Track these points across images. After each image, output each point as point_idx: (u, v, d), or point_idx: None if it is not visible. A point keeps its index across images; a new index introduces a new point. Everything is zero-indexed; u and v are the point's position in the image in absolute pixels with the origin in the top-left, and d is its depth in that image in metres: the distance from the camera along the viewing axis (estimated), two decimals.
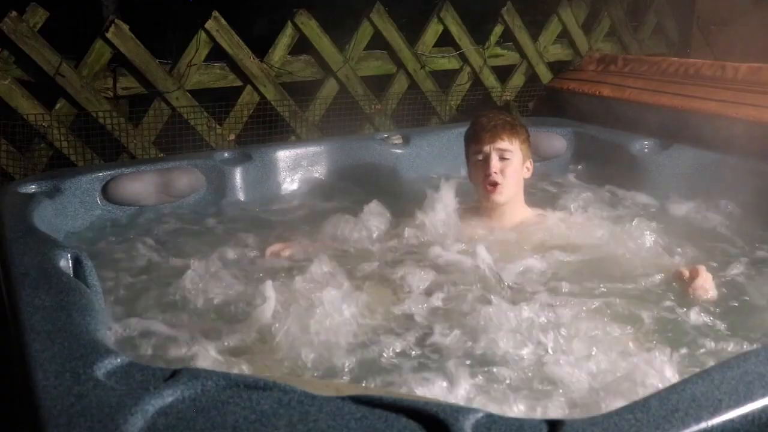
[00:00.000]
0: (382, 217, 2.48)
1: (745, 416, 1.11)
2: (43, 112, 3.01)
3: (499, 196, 2.35)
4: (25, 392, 1.21)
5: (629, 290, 2.02)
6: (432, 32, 3.85)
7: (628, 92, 3.56)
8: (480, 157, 2.36)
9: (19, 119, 2.97)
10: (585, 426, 1.06)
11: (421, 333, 1.79)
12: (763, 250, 2.34)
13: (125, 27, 3.10)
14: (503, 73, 4.14)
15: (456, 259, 2.17)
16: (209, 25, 3.27)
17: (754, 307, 1.95)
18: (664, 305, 1.93)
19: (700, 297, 1.93)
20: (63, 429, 1.09)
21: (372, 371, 1.62)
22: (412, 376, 1.59)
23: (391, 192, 2.95)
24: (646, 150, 3.13)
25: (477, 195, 2.44)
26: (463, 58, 3.97)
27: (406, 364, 1.64)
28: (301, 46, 3.54)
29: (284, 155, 3.10)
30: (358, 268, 2.17)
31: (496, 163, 2.33)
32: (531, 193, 2.89)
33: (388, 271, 2.14)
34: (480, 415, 1.09)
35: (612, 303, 1.91)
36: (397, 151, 3.27)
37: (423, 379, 1.57)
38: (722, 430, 1.09)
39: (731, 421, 1.10)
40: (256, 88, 3.44)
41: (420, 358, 1.67)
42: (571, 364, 1.59)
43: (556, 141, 3.41)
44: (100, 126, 3.14)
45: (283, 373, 1.59)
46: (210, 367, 1.56)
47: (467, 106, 4.00)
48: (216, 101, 3.40)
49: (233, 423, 1.09)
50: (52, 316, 1.45)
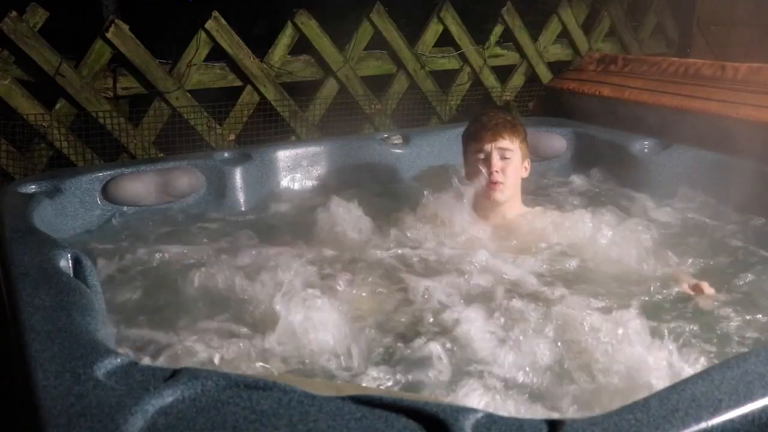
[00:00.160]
0: (381, 216, 2.48)
1: (745, 416, 1.11)
2: (43, 112, 3.02)
3: (500, 195, 2.36)
4: (25, 392, 1.21)
5: (627, 290, 2.02)
6: (432, 32, 3.85)
7: (628, 92, 3.56)
8: (481, 155, 2.36)
9: (19, 119, 2.97)
10: (585, 426, 1.06)
11: (420, 333, 1.79)
12: (763, 250, 2.33)
13: (125, 27, 3.10)
14: (503, 73, 4.14)
15: (454, 258, 2.17)
16: (209, 25, 3.27)
17: (755, 308, 1.95)
18: (662, 305, 1.93)
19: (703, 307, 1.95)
20: (63, 429, 1.09)
21: (372, 371, 1.62)
22: (411, 376, 1.59)
23: (391, 192, 2.95)
24: (646, 150, 3.13)
25: (476, 193, 2.42)
26: (463, 58, 3.97)
27: (405, 364, 1.64)
28: (301, 46, 3.55)
29: (284, 155, 3.10)
30: (356, 268, 2.17)
31: (497, 162, 2.34)
32: (532, 192, 2.90)
33: (386, 271, 2.14)
34: (480, 415, 1.09)
35: (610, 302, 1.91)
36: (397, 151, 3.27)
37: (423, 378, 1.58)
38: (722, 430, 1.09)
39: (731, 421, 1.10)
40: (256, 88, 3.44)
41: (420, 358, 1.67)
42: (570, 364, 1.59)
43: (556, 141, 3.41)
44: (100, 126, 3.15)
45: (283, 373, 1.59)
46: (210, 367, 1.56)
47: (467, 106, 4.00)
48: (216, 101, 3.41)
49: (233, 423, 1.09)
50: (52, 316, 1.45)
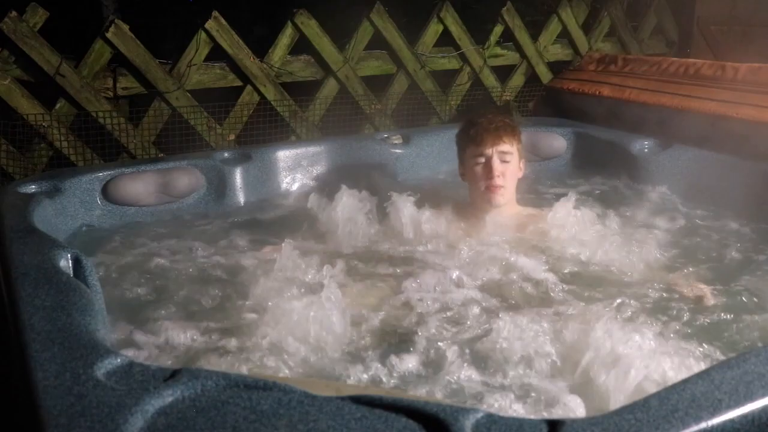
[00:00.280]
0: (380, 216, 2.47)
1: (745, 416, 1.11)
2: (43, 112, 3.02)
3: (501, 198, 2.35)
4: (25, 392, 1.21)
5: (624, 290, 2.01)
6: (432, 32, 3.85)
7: (628, 92, 3.56)
8: (482, 159, 2.34)
9: (19, 119, 2.98)
10: (585, 426, 1.06)
11: (418, 332, 1.79)
12: (763, 250, 2.33)
13: (125, 27, 3.10)
14: (503, 73, 4.14)
15: (452, 257, 2.17)
16: (209, 25, 3.27)
17: (755, 308, 1.95)
18: (659, 305, 1.93)
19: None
20: (63, 429, 1.08)
21: (371, 371, 1.62)
22: (411, 376, 1.59)
23: (390, 192, 2.95)
24: (646, 150, 3.13)
25: (473, 194, 2.43)
26: (463, 58, 3.97)
27: (405, 364, 1.64)
28: (301, 46, 3.55)
29: (284, 155, 3.10)
30: (354, 267, 2.17)
31: (498, 166, 2.32)
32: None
33: (386, 271, 2.14)
34: (480, 415, 1.09)
35: (608, 304, 1.90)
36: (397, 151, 3.27)
37: (422, 378, 1.58)
38: (722, 430, 1.09)
39: (731, 421, 1.10)
40: (256, 88, 3.45)
41: (419, 358, 1.67)
42: (569, 364, 1.59)
43: (556, 141, 3.41)
44: (100, 126, 3.15)
45: (283, 374, 1.59)
46: (210, 367, 1.56)
47: (467, 106, 4.00)
48: (216, 101, 3.41)
49: (233, 423, 1.09)
50: (52, 316, 1.45)
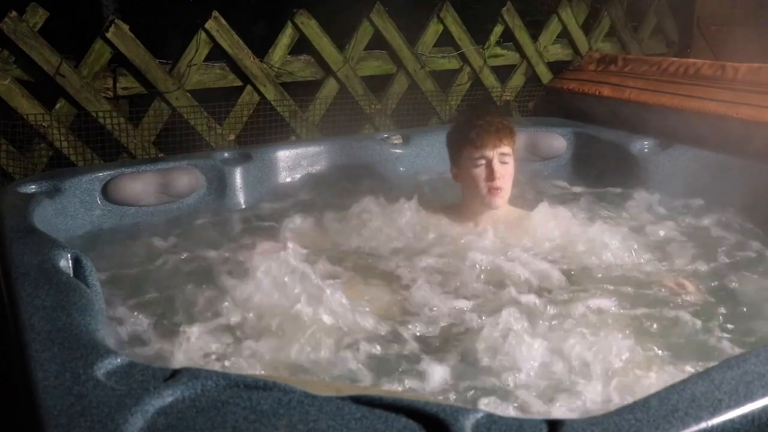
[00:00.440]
0: (380, 216, 2.47)
1: (745, 416, 1.11)
2: (43, 112, 3.01)
3: (501, 200, 2.33)
4: (25, 392, 1.21)
5: (621, 290, 2.02)
6: (432, 32, 3.85)
7: (628, 92, 3.56)
8: (482, 161, 2.30)
9: (19, 119, 2.97)
10: (585, 426, 1.07)
11: (417, 332, 1.79)
12: (762, 251, 2.33)
13: (125, 27, 3.10)
14: (503, 73, 4.14)
15: (449, 258, 2.18)
16: (209, 25, 3.27)
17: (754, 308, 1.95)
18: (656, 304, 1.93)
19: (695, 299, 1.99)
20: (63, 429, 1.09)
21: (370, 371, 1.62)
22: (410, 376, 1.59)
23: (390, 192, 2.95)
24: (646, 150, 3.13)
25: (470, 195, 2.40)
26: (463, 58, 3.97)
27: (404, 364, 1.64)
28: (301, 46, 3.55)
29: (284, 155, 3.10)
30: (353, 267, 2.17)
31: (499, 168, 2.29)
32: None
33: (382, 272, 2.14)
34: (480, 415, 1.09)
35: (604, 302, 1.92)
36: (397, 151, 3.27)
37: (422, 379, 1.58)
38: (722, 430, 1.09)
39: (731, 421, 1.10)
40: (256, 88, 3.44)
41: (418, 358, 1.67)
42: (569, 364, 1.59)
43: (556, 141, 3.41)
44: (100, 126, 3.14)
45: (283, 374, 1.59)
46: (209, 367, 1.56)
47: (467, 106, 4.00)
48: (216, 101, 3.41)
49: (233, 423, 1.09)
50: (52, 316, 1.45)
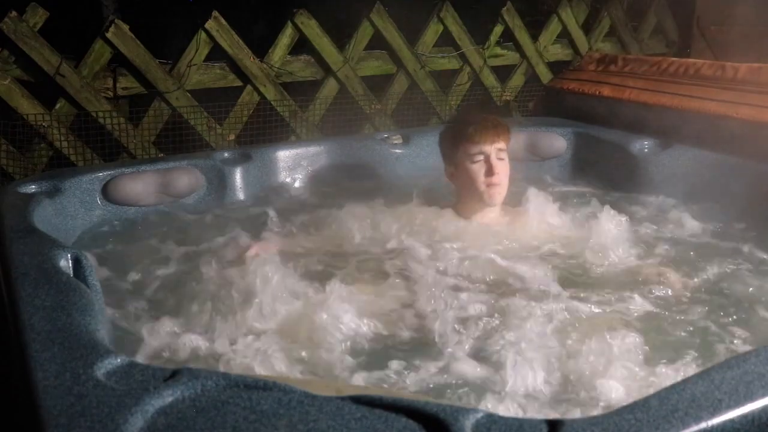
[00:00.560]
0: (379, 216, 2.47)
1: (745, 416, 1.11)
2: (43, 112, 3.01)
3: (500, 197, 2.35)
4: (25, 392, 1.21)
5: (619, 289, 2.02)
6: (432, 32, 3.85)
7: (628, 92, 3.56)
8: (480, 158, 2.32)
9: (19, 119, 2.97)
10: (585, 426, 1.07)
11: (416, 332, 1.79)
12: (762, 251, 2.33)
13: (125, 27, 3.10)
14: (503, 73, 4.14)
15: (446, 257, 2.18)
16: (209, 25, 3.27)
17: (754, 308, 1.95)
18: (653, 304, 1.93)
19: (679, 293, 2.01)
20: (63, 429, 1.09)
21: (369, 371, 1.62)
22: (410, 376, 1.59)
23: (390, 192, 2.95)
24: (646, 150, 3.12)
25: (467, 193, 2.40)
26: (463, 58, 3.97)
27: (403, 364, 1.64)
28: (301, 46, 3.55)
29: (284, 155, 3.10)
30: (352, 267, 2.17)
31: (497, 164, 2.32)
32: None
33: (381, 272, 2.14)
34: (480, 415, 1.09)
35: (602, 301, 1.92)
36: (397, 151, 3.27)
37: (422, 378, 1.58)
38: (722, 430, 1.09)
39: (731, 421, 1.10)
40: (256, 88, 3.44)
41: (418, 358, 1.67)
42: (569, 363, 1.59)
43: (556, 141, 3.41)
44: (100, 126, 3.14)
45: (283, 374, 1.59)
46: (209, 367, 1.56)
47: (467, 107, 4.00)
48: (216, 101, 3.41)
49: (233, 423, 1.09)
50: (52, 316, 1.45)
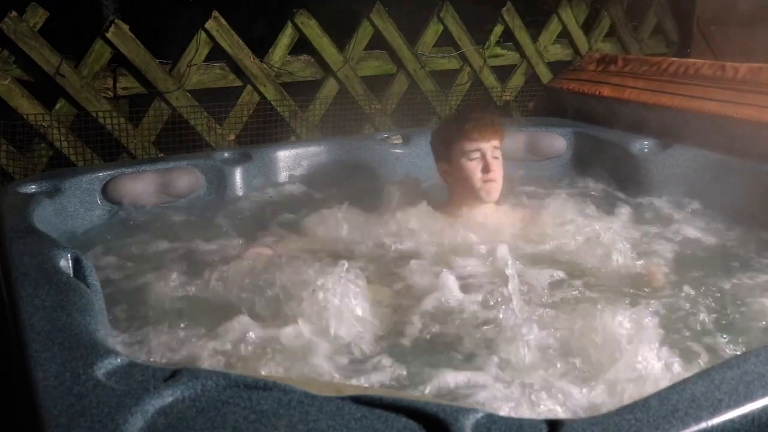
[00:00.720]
0: (378, 216, 2.47)
1: (745, 416, 1.11)
2: (43, 112, 3.01)
3: (496, 193, 2.36)
4: (25, 392, 1.21)
5: (617, 288, 2.02)
6: (432, 32, 3.85)
7: (628, 92, 3.56)
8: (476, 155, 2.33)
9: (19, 119, 2.97)
10: (585, 426, 1.07)
11: (416, 332, 1.79)
12: (762, 250, 2.33)
13: (125, 27, 3.10)
14: (503, 73, 4.14)
15: (442, 256, 2.19)
16: (209, 25, 3.27)
17: (753, 308, 1.95)
18: (656, 304, 1.93)
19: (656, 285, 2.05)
20: (63, 429, 1.08)
21: (369, 372, 1.62)
22: (409, 376, 1.59)
23: (392, 192, 2.94)
24: (646, 150, 3.12)
25: (462, 191, 2.40)
26: (463, 58, 3.97)
27: (403, 364, 1.64)
28: (301, 46, 3.55)
29: (284, 155, 3.10)
30: (351, 267, 2.16)
31: (493, 162, 2.33)
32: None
33: (380, 272, 2.14)
34: (480, 415, 1.09)
35: (600, 300, 1.92)
36: (397, 151, 3.27)
37: (422, 379, 1.58)
38: (722, 430, 1.09)
39: (731, 421, 1.10)
40: (256, 88, 3.44)
41: (418, 358, 1.67)
42: (569, 363, 1.59)
43: (556, 141, 3.41)
44: (100, 126, 3.14)
45: (283, 374, 1.59)
46: (210, 367, 1.56)
47: (467, 106, 4.00)
48: (216, 101, 3.40)
49: (233, 423, 1.09)
50: (52, 316, 1.45)
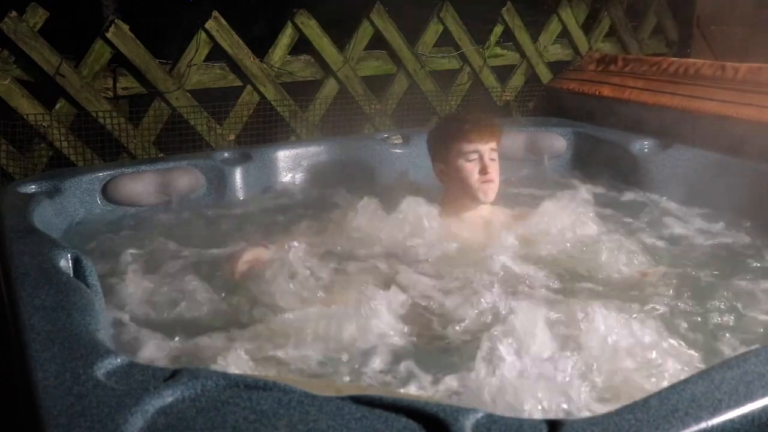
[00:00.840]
0: (375, 217, 2.46)
1: (745, 416, 1.11)
2: (43, 112, 3.01)
3: (493, 193, 2.37)
4: (25, 392, 1.21)
5: (616, 289, 2.02)
6: (432, 32, 3.85)
7: (628, 92, 3.56)
8: (475, 156, 2.34)
9: (19, 119, 2.97)
10: (585, 426, 1.07)
11: (416, 332, 1.79)
12: (762, 251, 2.33)
13: (125, 27, 3.10)
14: (503, 73, 4.14)
15: (440, 255, 2.19)
16: (209, 25, 3.27)
17: (753, 308, 1.95)
18: (654, 303, 1.93)
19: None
20: (63, 429, 1.08)
21: (368, 372, 1.62)
22: (409, 377, 1.59)
23: (390, 192, 2.95)
24: (646, 150, 3.12)
25: (459, 191, 2.41)
26: (463, 58, 3.97)
27: (403, 364, 1.64)
28: (301, 46, 3.55)
29: (284, 155, 3.09)
30: (351, 267, 2.17)
31: (491, 163, 2.35)
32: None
33: (380, 271, 2.13)
34: (480, 415, 1.09)
35: (599, 300, 1.89)
36: (397, 151, 3.27)
37: (422, 378, 1.58)
38: (722, 430, 1.09)
39: (731, 421, 1.10)
40: (256, 88, 3.45)
41: (418, 358, 1.67)
42: (569, 363, 1.59)
43: (556, 141, 3.41)
44: (100, 126, 3.14)
45: (283, 373, 1.59)
46: (210, 367, 1.56)
47: (467, 107, 4.00)
48: (216, 101, 3.40)
49: (233, 423, 1.09)
50: (52, 316, 1.45)
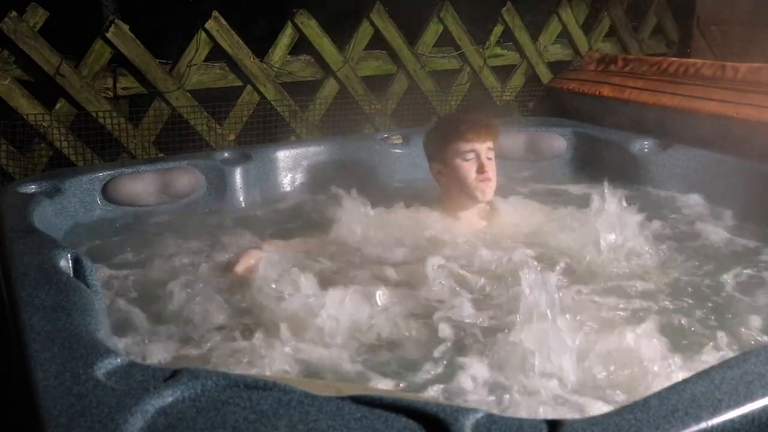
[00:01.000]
0: (375, 217, 2.46)
1: (745, 416, 1.11)
2: (43, 112, 3.01)
3: (491, 192, 2.38)
4: (25, 392, 1.21)
5: (616, 288, 2.02)
6: (432, 32, 3.85)
7: (628, 92, 3.56)
8: (472, 156, 2.35)
9: (19, 119, 2.97)
10: (585, 426, 1.06)
11: (416, 332, 1.79)
12: (762, 252, 2.33)
13: (125, 27, 3.10)
14: (503, 73, 4.14)
15: (438, 255, 2.16)
16: (209, 25, 3.27)
17: (754, 308, 1.95)
18: (655, 303, 1.93)
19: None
20: (63, 429, 1.08)
21: (369, 372, 1.62)
22: (409, 376, 1.59)
23: (390, 192, 2.95)
24: (646, 150, 3.12)
25: (457, 191, 2.41)
26: (463, 58, 3.97)
27: (403, 364, 1.64)
28: (301, 46, 3.55)
29: (284, 155, 3.10)
30: (350, 267, 2.17)
31: (488, 162, 2.36)
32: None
33: (380, 271, 2.13)
34: (480, 415, 1.09)
35: (600, 299, 1.93)
36: (397, 151, 3.27)
37: (422, 378, 1.58)
38: (722, 430, 1.09)
39: (731, 421, 1.10)
40: (256, 88, 3.45)
41: (418, 358, 1.67)
42: (569, 363, 1.59)
43: (556, 141, 3.41)
44: (100, 126, 3.14)
45: (283, 374, 1.59)
46: (210, 367, 1.56)
47: (467, 106, 4.00)
48: (216, 101, 3.40)
49: (233, 423, 1.09)
50: (52, 316, 1.45)
